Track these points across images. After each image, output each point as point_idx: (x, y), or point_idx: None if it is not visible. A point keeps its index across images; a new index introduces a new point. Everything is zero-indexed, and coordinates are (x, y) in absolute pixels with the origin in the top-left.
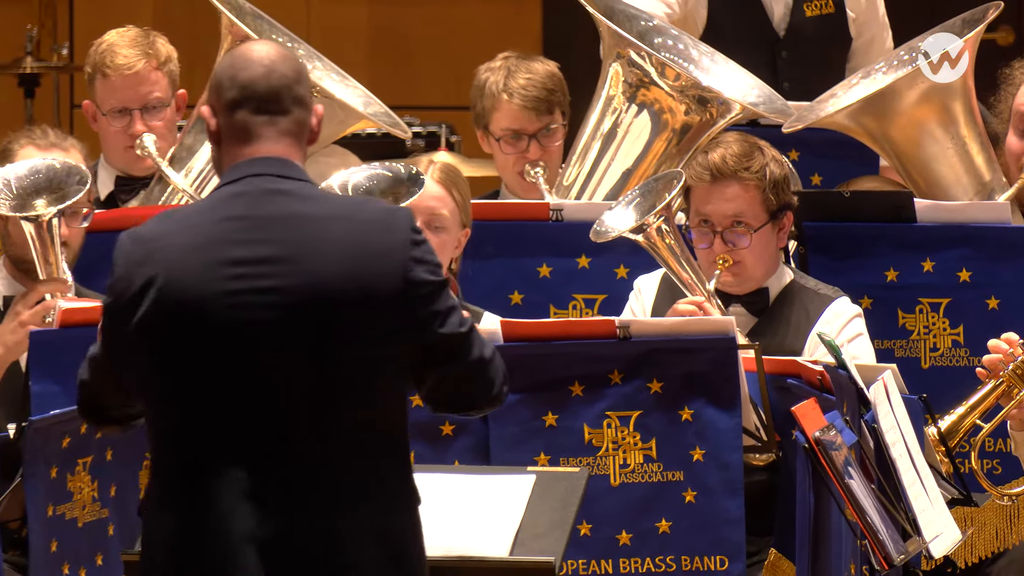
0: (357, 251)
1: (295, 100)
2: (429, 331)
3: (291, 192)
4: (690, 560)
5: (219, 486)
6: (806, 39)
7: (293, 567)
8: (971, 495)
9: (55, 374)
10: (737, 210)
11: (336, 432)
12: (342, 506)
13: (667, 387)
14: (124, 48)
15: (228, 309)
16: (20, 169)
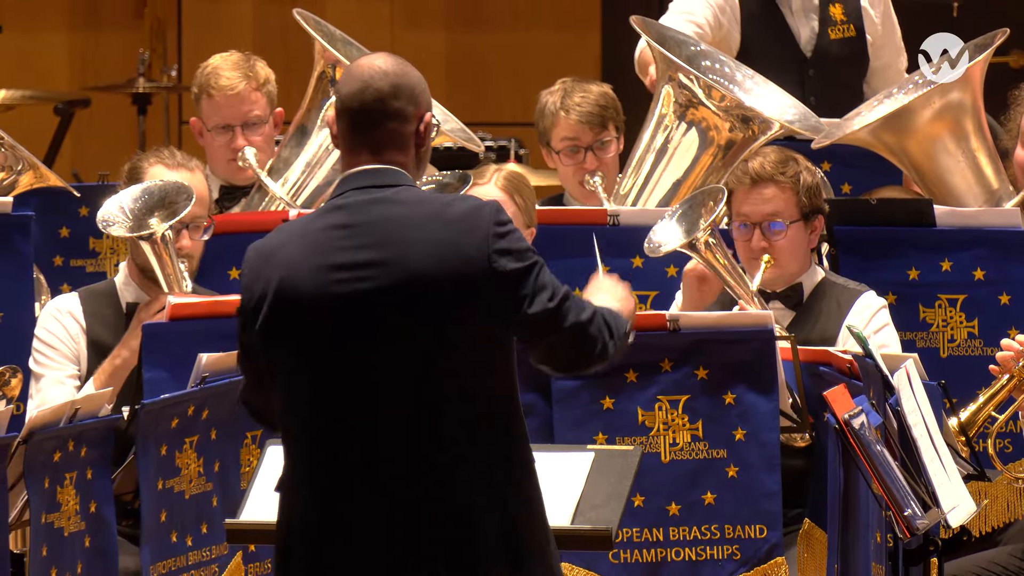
0: (446, 248)
1: (389, 114)
2: (520, 312)
3: (386, 199)
4: (732, 529)
5: (338, 465)
6: (831, 59)
7: (413, 538)
8: (984, 471)
9: (165, 363)
10: (774, 209)
11: (446, 411)
12: (458, 479)
13: (712, 374)
14: (227, 71)
15: (333, 309)
16: (134, 191)
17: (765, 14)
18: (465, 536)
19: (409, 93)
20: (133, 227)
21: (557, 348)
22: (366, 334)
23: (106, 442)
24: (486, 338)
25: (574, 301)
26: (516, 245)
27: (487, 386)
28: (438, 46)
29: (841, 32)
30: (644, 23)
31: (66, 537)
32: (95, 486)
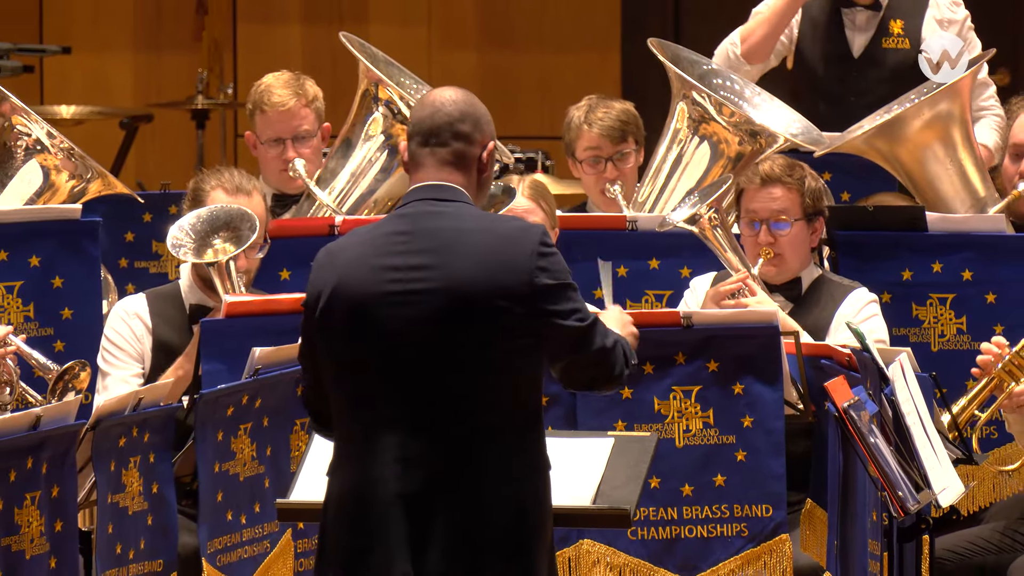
0: (492, 259)
1: (455, 135)
2: (553, 325)
3: (442, 212)
4: (741, 508)
5: (376, 453)
6: (877, 65)
7: (433, 522)
8: (972, 455)
9: (221, 356)
10: (780, 207)
11: (475, 407)
12: (480, 470)
13: (722, 366)
14: (279, 89)
15: (386, 306)
16: (200, 214)
17: (826, 21)
18: (477, 527)
19: (475, 121)
20: (198, 248)
21: (579, 367)
22: (411, 331)
23: (167, 428)
24: (519, 346)
25: (600, 327)
26: (556, 266)
27: (516, 389)
28: (471, 66)
29: (894, 43)
30: (661, 45)
31: (130, 516)
32: (157, 469)
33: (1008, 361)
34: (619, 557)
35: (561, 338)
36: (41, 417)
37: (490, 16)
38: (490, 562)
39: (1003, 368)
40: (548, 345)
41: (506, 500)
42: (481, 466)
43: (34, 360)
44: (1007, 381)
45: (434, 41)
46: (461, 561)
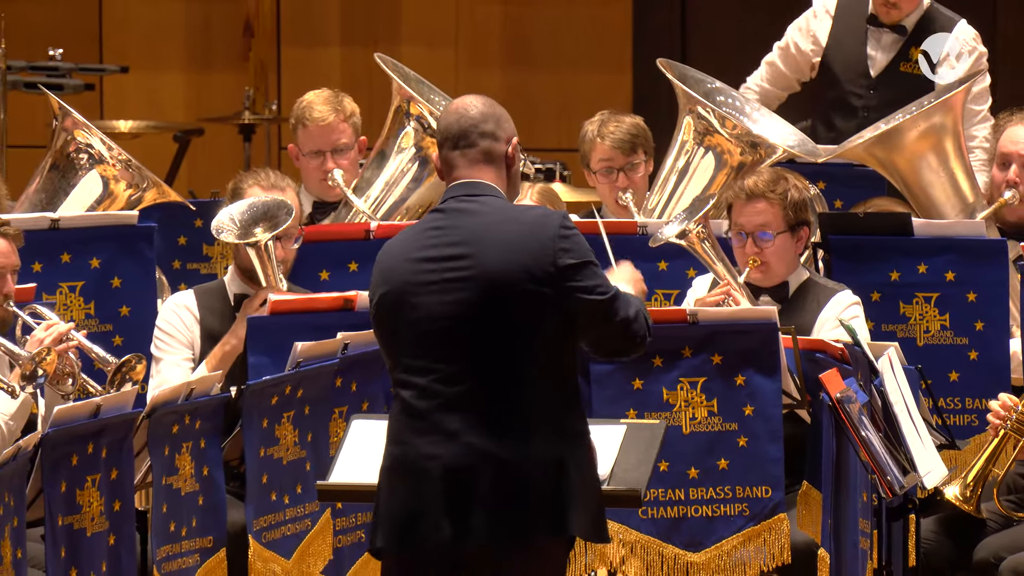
0: (519, 245)
1: (481, 134)
2: (579, 300)
3: (474, 207)
4: (742, 489)
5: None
6: (893, 84)
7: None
8: (955, 441)
9: (267, 350)
10: (764, 220)
11: (513, 383)
12: (521, 442)
13: (725, 360)
14: (319, 105)
15: (426, 294)
16: (241, 206)
17: (853, 39)
18: (519, 492)
19: (496, 120)
20: (241, 235)
21: (607, 338)
22: (450, 316)
23: (217, 416)
24: (551, 323)
25: (623, 299)
26: (577, 245)
27: (551, 364)
28: (495, 84)
29: (911, 68)
30: (669, 65)
31: (183, 496)
32: (207, 453)
33: (1015, 420)
34: (631, 534)
35: (588, 311)
36: (101, 406)
37: (513, 38)
38: (534, 528)
39: (1011, 427)
40: (577, 319)
41: (548, 468)
42: (522, 437)
43: (94, 354)
44: (1015, 438)
45: (461, 61)
46: (506, 525)
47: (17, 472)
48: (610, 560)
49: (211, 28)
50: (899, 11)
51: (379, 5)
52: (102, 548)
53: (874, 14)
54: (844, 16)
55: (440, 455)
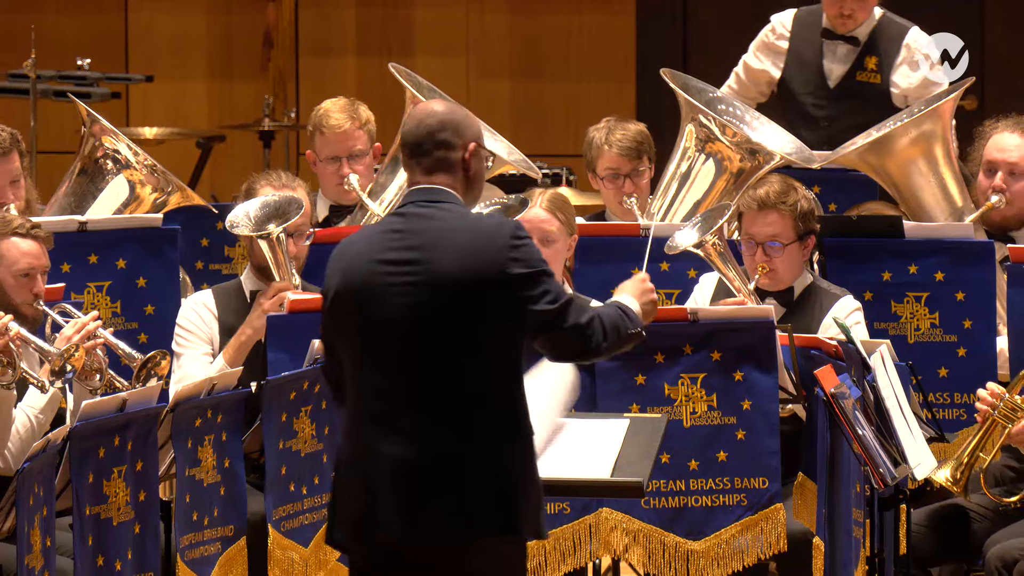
0: (471, 253)
1: (436, 144)
2: (526, 308)
3: (431, 213)
4: (740, 480)
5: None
6: (851, 94)
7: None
8: (944, 434)
9: (286, 346)
10: (775, 231)
11: (458, 384)
12: (465, 440)
13: (724, 356)
14: (335, 113)
15: (383, 295)
16: (255, 203)
17: (810, 53)
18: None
19: (454, 128)
20: (254, 229)
21: (559, 344)
22: (404, 317)
23: (238, 410)
24: (497, 328)
25: (575, 306)
26: (528, 255)
27: (495, 367)
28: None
29: (867, 77)
30: (672, 75)
31: (205, 487)
32: (229, 446)
33: (1002, 407)
34: (634, 523)
35: (536, 319)
36: (127, 400)
37: (522, 49)
38: (481, 525)
39: (999, 414)
40: (526, 326)
41: (491, 466)
42: (466, 436)
43: (120, 350)
44: (1002, 424)
45: (472, 71)
46: (456, 520)
47: (47, 464)
48: (613, 548)
49: (232, 39)
50: (854, 21)
51: (393, 17)
52: (128, 537)
53: (828, 27)
54: (800, 31)
55: (389, 452)
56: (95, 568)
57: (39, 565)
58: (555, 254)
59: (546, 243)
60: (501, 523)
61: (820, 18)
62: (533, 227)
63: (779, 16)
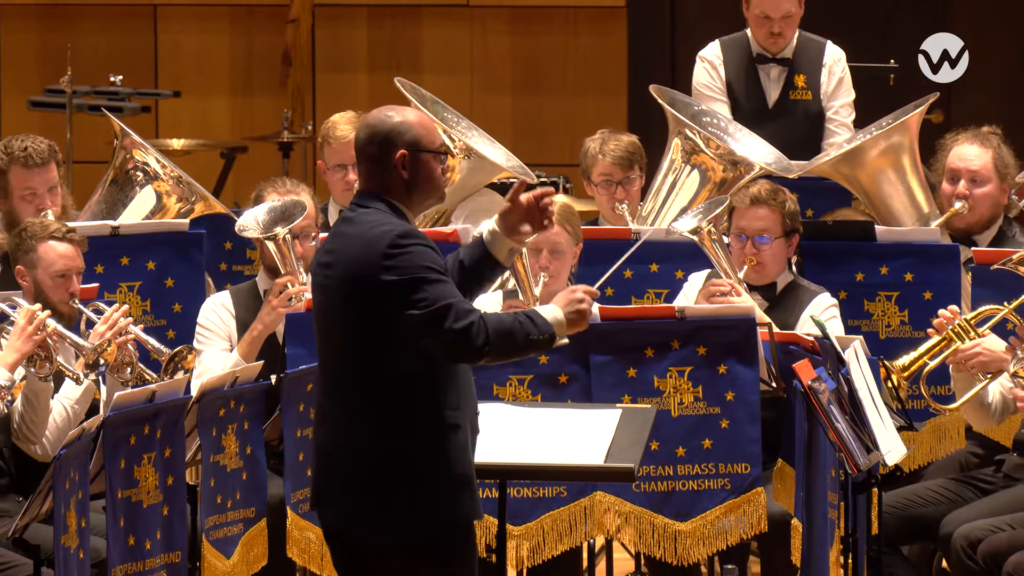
0: (358, 260)
1: (366, 157)
2: (402, 313)
3: (350, 219)
4: (724, 466)
5: (316, 407)
6: (788, 113)
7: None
8: (913, 424)
9: (303, 342)
10: (764, 225)
11: (364, 375)
12: (365, 427)
13: (710, 351)
14: (342, 124)
15: (314, 293)
16: (262, 208)
17: (746, 78)
18: (360, 477)
19: (382, 139)
20: (262, 232)
21: (438, 345)
22: (319, 314)
23: (259, 401)
24: (384, 329)
25: (455, 311)
26: (402, 263)
27: (386, 361)
28: (507, 107)
29: (800, 95)
30: (660, 90)
31: (228, 472)
32: (250, 434)
33: (957, 325)
34: (625, 506)
35: (412, 323)
36: (156, 392)
37: (522, 67)
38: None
39: (952, 330)
40: (406, 328)
41: (381, 453)
42: (359, 422)
43: (150, 345)
44: (955, 341)
45: (475, 86)
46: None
47: (82, 451)
48: (607, 529)
49: (254, 57)
50: (784, 39)
51: (402, 37)
52: (157, 518)
53: (759, 52)
54: (732, 60)
55: (319, 440)
56: (126, 547)
57: (74, 544)
58: (563, 263)
59: (555, 254)
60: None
61: (747, 45)
62: (544, 239)
63: (708, 50)
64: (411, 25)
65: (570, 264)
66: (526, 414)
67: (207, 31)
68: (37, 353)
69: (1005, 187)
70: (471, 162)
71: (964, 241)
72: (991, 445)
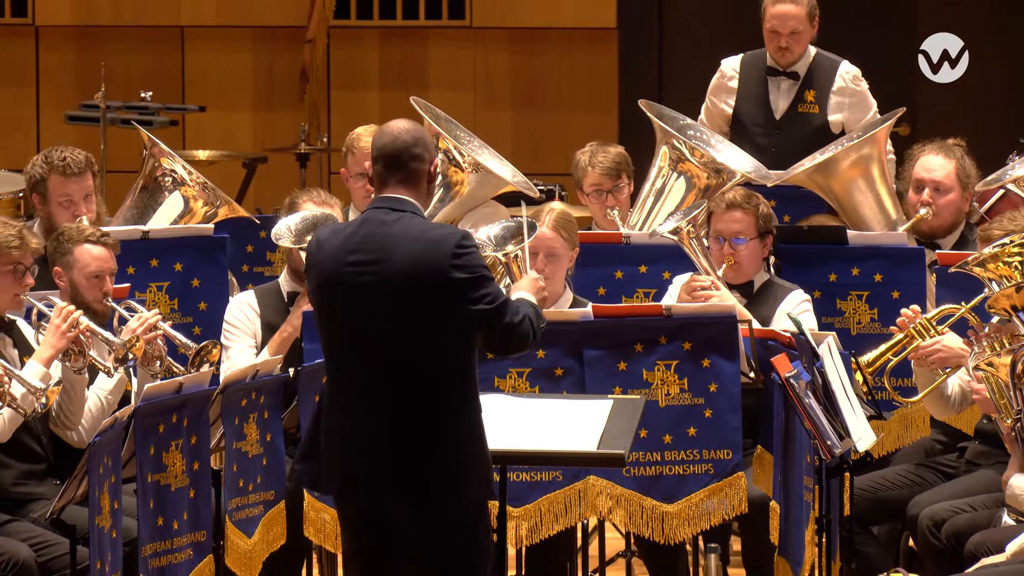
0: (421, 258)
1: (411, 157)
2: (466, 309)
3: (390, 221)
4: (708, 452)
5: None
6: (794, 124)
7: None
8: (882, 413)
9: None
10: (740, 227)
11: (404, 368)
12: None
13: (694, 346)
14: (365, 137)
15: (346, 289)
16: (296, 217)
17: (757, 90)
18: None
19: (424, 144)
20: (295, 240)
21: (494, 340)
22: (362, 308)
23: (278, 392)
24: (441, 324)
25: (511, 307)
26: (470, 262)
27: (438, 355)
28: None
29: (807, 108)
30: (649, 105)
31: (250, 458)
32: (270, 423)
33: (918, 323)
34: (616, 489)
35: (474, 318)
36: (183, 384)
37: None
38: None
39: (914, 328)
40: (466, 323)
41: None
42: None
43: (178, 340)
44: (917, 339)
45: (478, 103)
46: (407, 487)
47: (114, 438)
48: (599, 510)
49: (274, 75)
50: (791, 53)
51: (411, 57)
52: (183, 500)
53: (771, 66)
54: (747, 72)
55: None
56: (155, 527)
57: (108, 525)
58: (558, 266)
59: (551, 257)
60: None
61: (764, 59)
62: (541, 244)
63: (728, 61)
64: (419, 46)
65: (566, 267)
66: (525, 404)
67: (230, 51)
68: (71, 348)
69: (967, 195)
70: (479, 176)
71: (929, 245)
72: (954, 433)
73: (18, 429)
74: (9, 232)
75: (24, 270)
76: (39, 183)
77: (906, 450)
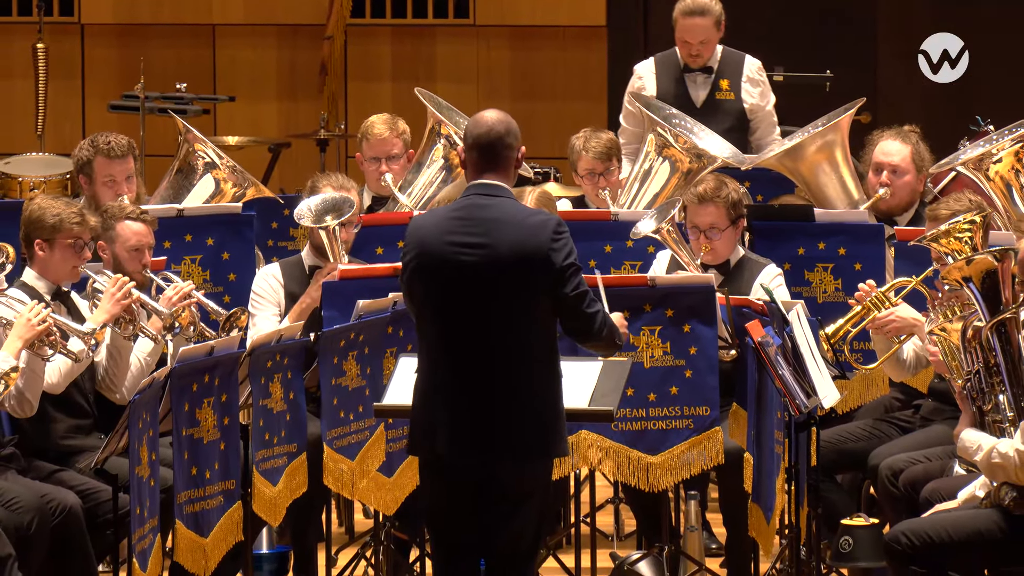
0: (521, 242)
1: (504, 146)
2: (559, 292)
3: (491, 205)
4: (688, 409)
5: (443, 370)
6: (713, 111)
7: (468, 412)
8: (845, 374)
9: (337, 306)
10: (712, 220)
11: (506, 342)
12: (512, 383)
13: (676, 313)
14: (379, 124)
15: (450, 271)
16: (317, 199)
17: (675, 86)
18: (513, 423)
19: (515, 134)
20: (315, 220)
21: (571, 323)
22: (467, 288)
23: (300, 355)
24: (536, 302)
25: (590, 298)
26: (566, 248)
27: (535, 331)
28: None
29: (724, 95)
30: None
31: (274, 414)
32: (293, 382)
33: (874, 296)
34: (605, 442)
35: (561, 302)
36: (214, 347)
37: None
38: (536, 449)
39: (870, 301)
40: (560, 303)
41: (530, 405)
42: (513, 379)
43: (210, 308)
44: (872, 311)
45: (481, 94)
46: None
47: (152, 396)
48: (590, 461)
49: (297, 69)
50: (701, 59)
51: (419, 52)
52: (215, 452)
53: (685, 63)
54: (662, 73)
55: (449, 390)
56: (189, 476)
57: (146, 474)
58: None
59: None
60: (541, 447)
61: (676, 57)
62: None
63: (641, 65)
64: (427, 42)
65: None
66: None
67: (257, 46)
68: (123, 316)
69: (922, 177)
70: None
71: (887, 221)
72: (911, 391)
73: (69, 387)
74: (72, 210)
75: (83, 245)
76: (86, 165)
77: (867, 407)
